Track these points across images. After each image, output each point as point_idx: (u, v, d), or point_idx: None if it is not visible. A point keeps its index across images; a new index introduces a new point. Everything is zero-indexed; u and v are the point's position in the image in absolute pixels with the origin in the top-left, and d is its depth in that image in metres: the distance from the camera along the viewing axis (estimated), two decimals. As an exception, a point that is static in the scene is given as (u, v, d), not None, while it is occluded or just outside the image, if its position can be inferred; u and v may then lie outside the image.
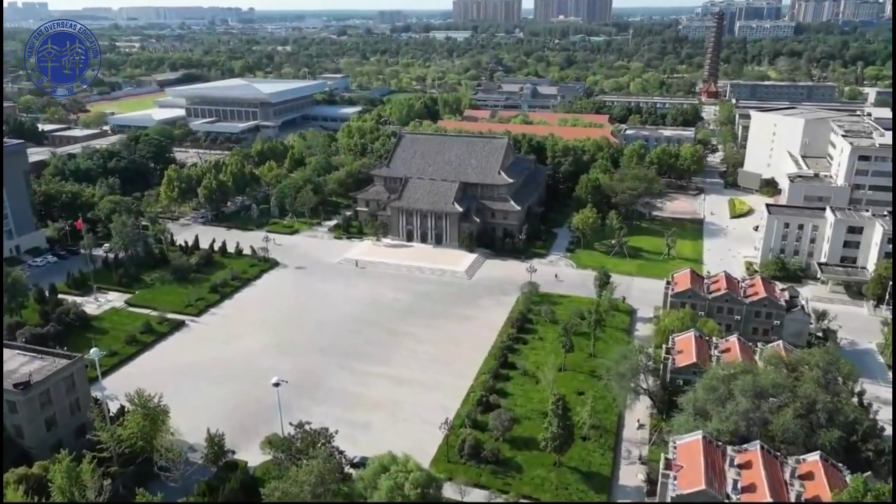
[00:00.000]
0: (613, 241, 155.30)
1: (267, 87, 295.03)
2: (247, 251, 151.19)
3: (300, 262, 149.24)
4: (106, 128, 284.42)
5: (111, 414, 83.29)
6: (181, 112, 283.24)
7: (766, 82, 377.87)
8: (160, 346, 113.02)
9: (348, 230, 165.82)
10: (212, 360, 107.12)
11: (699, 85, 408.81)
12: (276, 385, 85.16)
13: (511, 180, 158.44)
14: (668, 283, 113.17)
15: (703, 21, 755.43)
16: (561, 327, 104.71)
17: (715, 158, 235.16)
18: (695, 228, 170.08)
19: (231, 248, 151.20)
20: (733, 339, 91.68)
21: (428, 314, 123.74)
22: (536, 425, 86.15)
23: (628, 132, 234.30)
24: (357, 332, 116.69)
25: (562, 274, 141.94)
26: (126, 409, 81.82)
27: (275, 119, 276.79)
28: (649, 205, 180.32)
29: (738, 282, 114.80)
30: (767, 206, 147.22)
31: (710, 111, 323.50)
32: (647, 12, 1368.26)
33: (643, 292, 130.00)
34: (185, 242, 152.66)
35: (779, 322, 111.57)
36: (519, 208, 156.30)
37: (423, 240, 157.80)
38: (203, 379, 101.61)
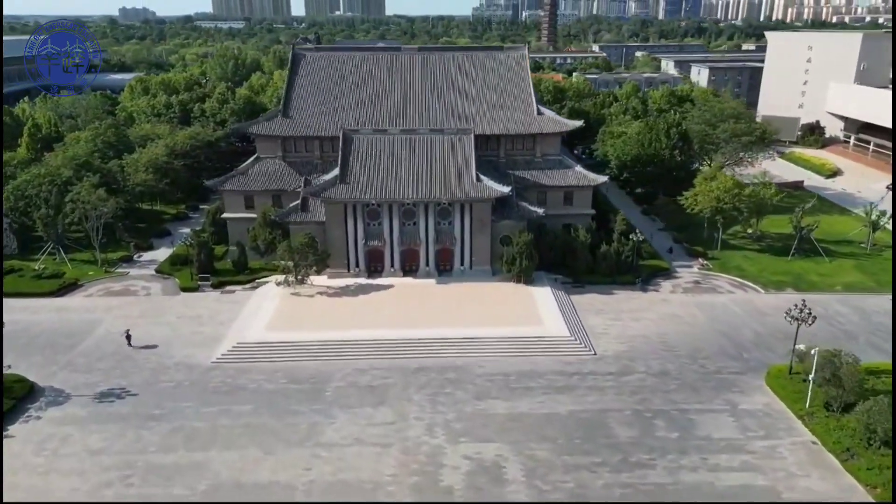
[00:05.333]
0: (749, 231, 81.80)
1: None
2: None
3: (107, 377, 51.97)
4: None
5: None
6: None
7: (635, 43, 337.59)
8: None
9: (211, 269, 69.85)
10: None
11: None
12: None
13: (577, 123, 76.87)
14: None
15: (492, 10, 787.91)
16: None
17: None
18: (813, 197, 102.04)
19: None
20: None
21: (636, 518, 37.44)
22: None
23: (588, 76, 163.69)
24: None
25: (755, 308, 63.76)
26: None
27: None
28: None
29: None
30: None
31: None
32: (421, 8, 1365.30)
33: None
34: None
35: None
36: (603, 179, 74.42)
37: (408, 267, 69.07)
38: None
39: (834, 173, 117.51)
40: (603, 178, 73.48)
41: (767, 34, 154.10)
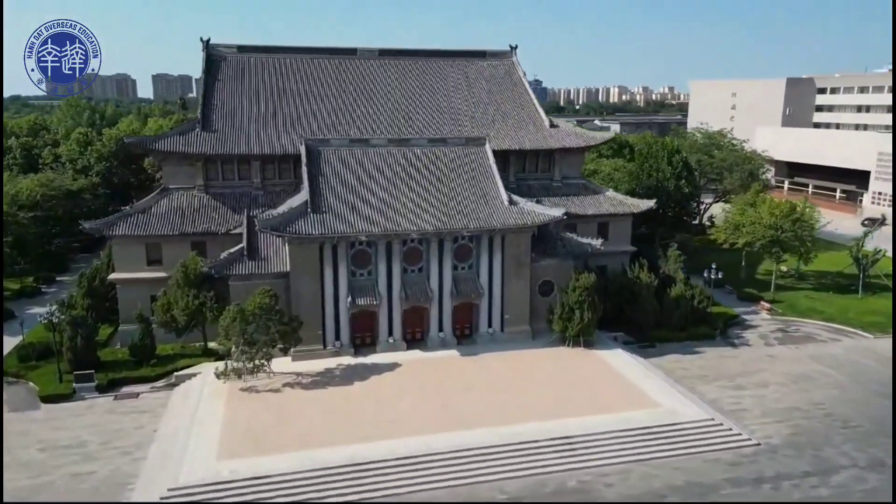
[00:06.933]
0: (784, 269, 68.54)
1: None
2: None
3: None
4: None
5: None
6: None
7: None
8: None
9: (94, 362, 43.11)
10: None
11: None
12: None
13: (609, 134, 61.93)
14: None
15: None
16: None
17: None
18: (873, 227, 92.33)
19: None
20: None
21: None
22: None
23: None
24: None
25: (886, 358, 48.21)
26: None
27: None
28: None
29: None
30: None
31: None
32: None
33: None
34: None
35: None
36: (649, 203, 56.84)
37: (411, 336, 46.55)
38: None
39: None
40: (649, 203, 56.38)
41: (691, 83, 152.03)
